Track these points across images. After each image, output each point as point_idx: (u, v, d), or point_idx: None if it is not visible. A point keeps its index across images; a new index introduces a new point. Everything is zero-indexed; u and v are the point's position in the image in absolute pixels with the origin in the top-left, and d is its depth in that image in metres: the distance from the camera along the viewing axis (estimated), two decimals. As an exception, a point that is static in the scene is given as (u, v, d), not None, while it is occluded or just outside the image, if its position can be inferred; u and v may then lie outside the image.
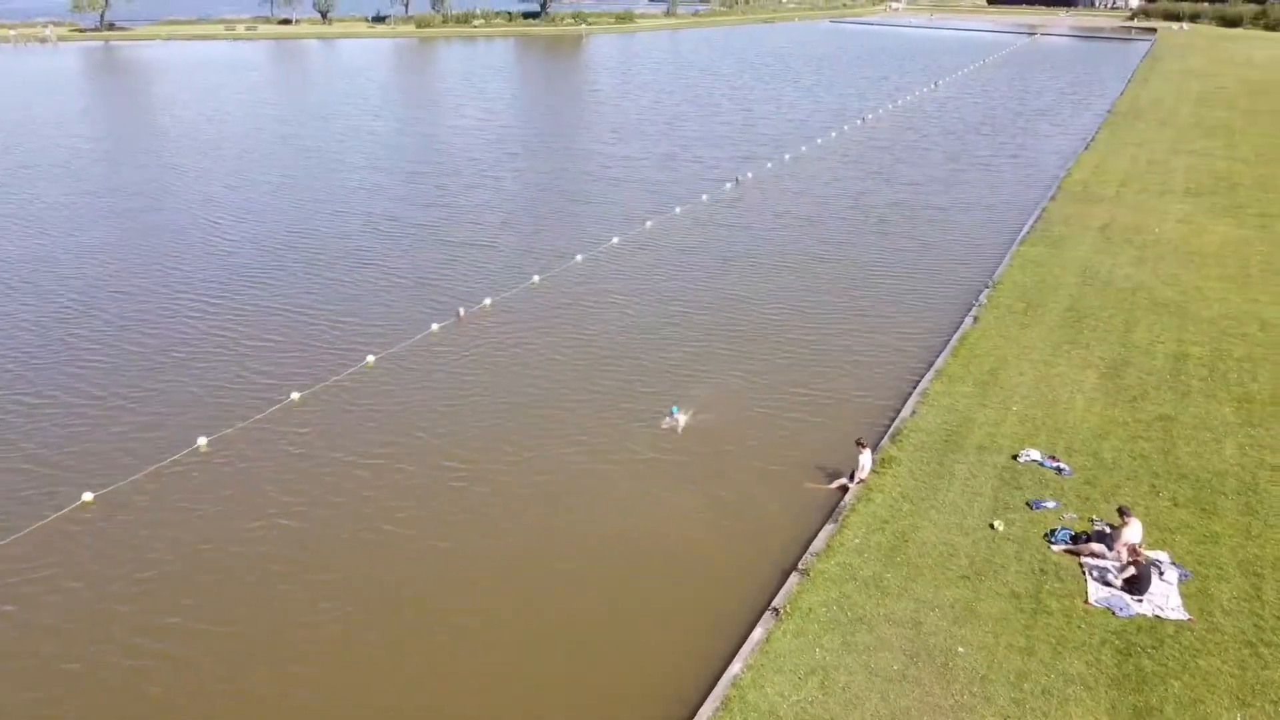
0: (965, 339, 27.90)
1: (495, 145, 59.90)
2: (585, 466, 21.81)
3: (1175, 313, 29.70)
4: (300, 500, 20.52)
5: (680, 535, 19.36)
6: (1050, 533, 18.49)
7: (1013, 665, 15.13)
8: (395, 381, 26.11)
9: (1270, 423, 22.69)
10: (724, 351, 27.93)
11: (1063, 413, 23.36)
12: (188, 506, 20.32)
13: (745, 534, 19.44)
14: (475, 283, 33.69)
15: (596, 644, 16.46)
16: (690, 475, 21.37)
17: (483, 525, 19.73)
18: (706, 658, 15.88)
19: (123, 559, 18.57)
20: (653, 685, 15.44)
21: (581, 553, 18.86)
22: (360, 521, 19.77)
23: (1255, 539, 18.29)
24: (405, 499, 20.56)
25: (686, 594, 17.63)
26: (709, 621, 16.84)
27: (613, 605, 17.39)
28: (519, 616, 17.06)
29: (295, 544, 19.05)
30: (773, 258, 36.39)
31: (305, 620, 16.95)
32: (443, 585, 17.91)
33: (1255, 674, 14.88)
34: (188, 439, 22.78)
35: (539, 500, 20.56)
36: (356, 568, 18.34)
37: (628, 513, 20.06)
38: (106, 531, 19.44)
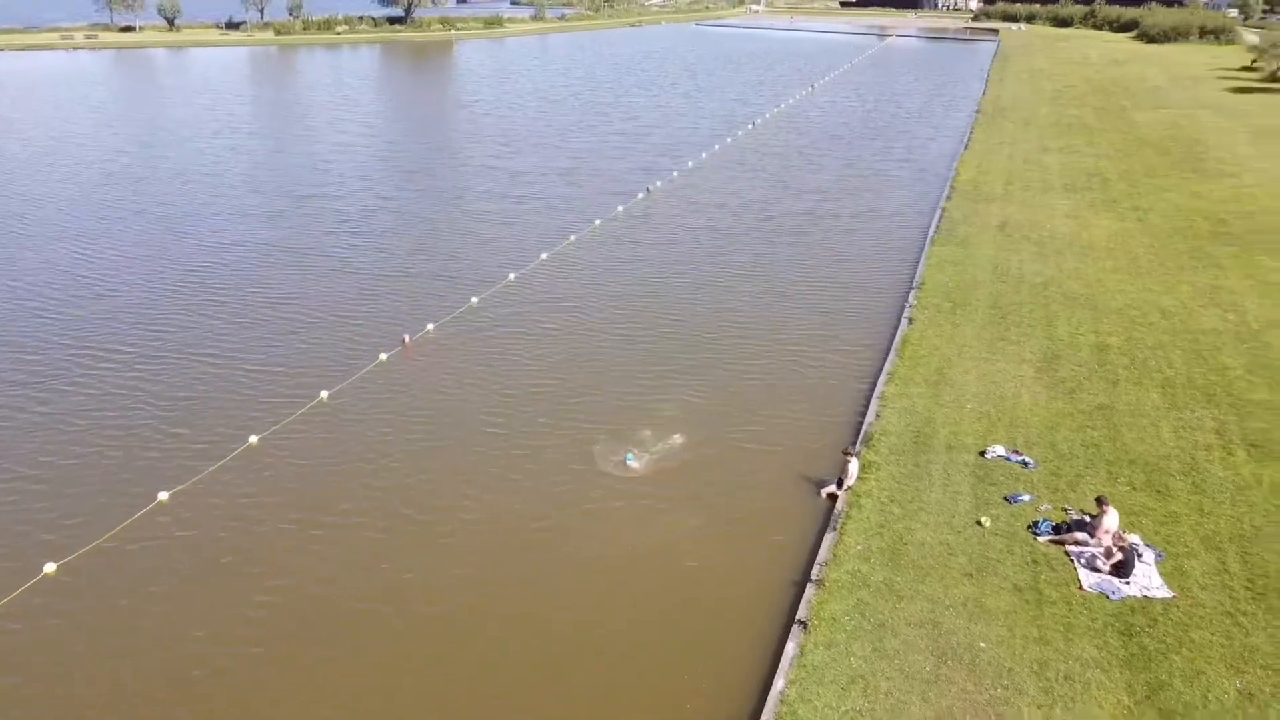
0: (906, 341, 29.24)
1: (386, 164, 58.24)
2: (569, 496, 21.65)
3: (1086, 305, 32.02)
4: (287, 541, 19.62)
5: (683, 555, 19.57)
6: (1033, 525, 19.73)
7: (1032, 655, 16.11)
8: (354, 417, 25.23)
9: (1193, 405, 24.84)
10: (677, 369, 28.18)
11: (1012, 407, 24.87)
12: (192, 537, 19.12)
13: (748, 549, 19.84)
14: (406, 311, 32.74)
15: (631, 674, 16.49)
16: (675, 496, 21.52)
17: (475, 563, 19.39)
18: (746, 675, 16.21)
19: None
20: (703, 708, 15.60)
21: (589, 585, 18.79)
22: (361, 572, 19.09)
23: (1209, 515, 20.05)
24: (399, 540, 19.97)
25: (706, 613, 17.88)
26: (737, 638, 17.17)
27: (636, 633, 17.44)
28: (542, 658, 16.90)
29: (289, 616, 18.22)
30: (700, 273, 36.84)
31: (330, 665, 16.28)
32: (455, 639, 17.53)
33: (1241, 642, 16.37)
34: (149, 496, 21.38)
35: (531, 534, 20.34)
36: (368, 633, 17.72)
37: (623, 539, 20.05)
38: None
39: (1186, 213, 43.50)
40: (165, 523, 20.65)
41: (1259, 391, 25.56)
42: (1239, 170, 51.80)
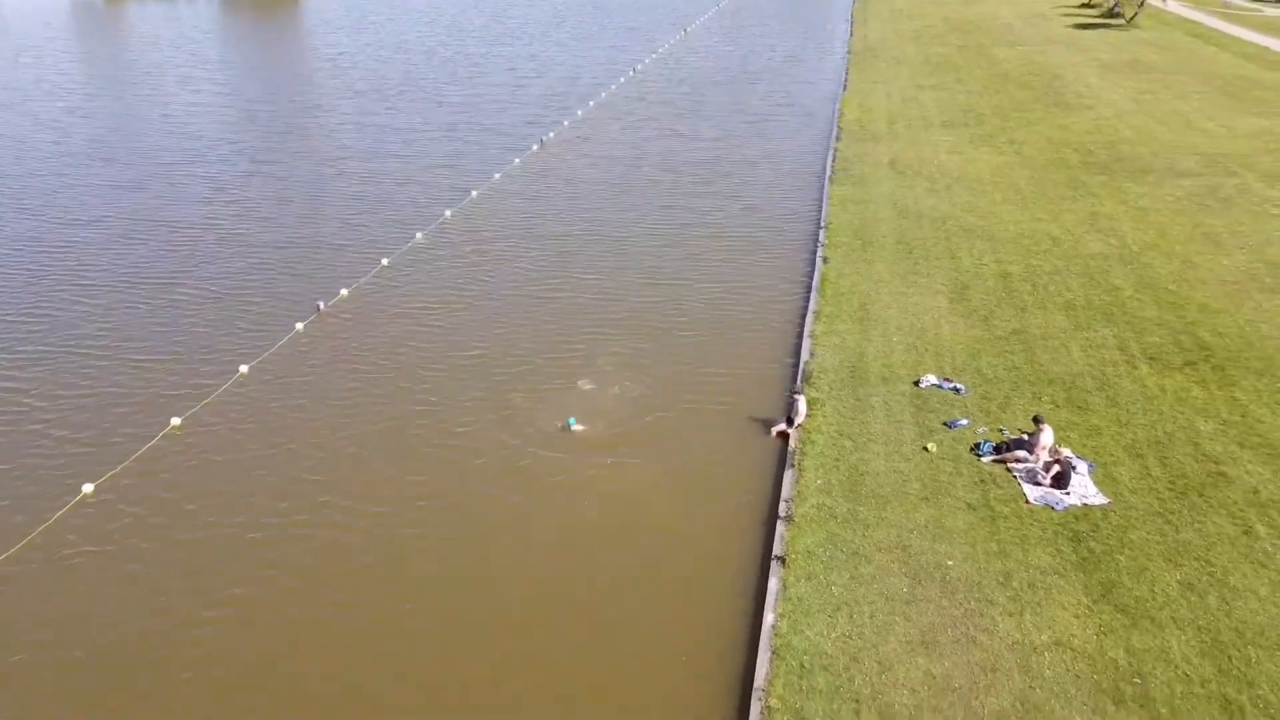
0: (825, 280, 30.02)
1: (254, 125, 54.88)
2: (518, 462, 21.31)
3: (983, 236, 33.63)
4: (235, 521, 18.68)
5: (648, 506, 19.69)
6: (975, 447, 20.83)
7: (996, 568, 17.14)
8: (277, 395, 24.05)
9: (1094, 325, 26.61)
10: (603, 323, 28.03)
11: (935, 338, 26.02)
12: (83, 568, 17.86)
13: (710, 493, 20.14)
14: (312, 279, 31.28)
15: (621, 621, 16.58)
16: (626, 451, 21.49)
17: (445, 540, 19.02)
18: (734, 612, 16.59)
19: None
20: (699, 647, 15.89)
21: (559, 544, 18.69)
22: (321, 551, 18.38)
23: (1126, 426, 21.65)
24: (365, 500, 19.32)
25: (682, 558, 18.12)
26: (718, 579, 17.51)
27: (618, 583, 17.52)
28: (529, 617, 16.81)
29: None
30: (609, 227, 36.45)
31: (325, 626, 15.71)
32: (444, 617, 17.20)
33: (1173, 538, 17.88)
34: (72, 489, 19.86)
35: (490, 503, 20.05)
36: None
37: (585, 496, 19.94)
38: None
39: (1056, 145, 46.06)
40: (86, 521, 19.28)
41: (1148, 309, 27.59)
42: (1095, 103, 55.08)
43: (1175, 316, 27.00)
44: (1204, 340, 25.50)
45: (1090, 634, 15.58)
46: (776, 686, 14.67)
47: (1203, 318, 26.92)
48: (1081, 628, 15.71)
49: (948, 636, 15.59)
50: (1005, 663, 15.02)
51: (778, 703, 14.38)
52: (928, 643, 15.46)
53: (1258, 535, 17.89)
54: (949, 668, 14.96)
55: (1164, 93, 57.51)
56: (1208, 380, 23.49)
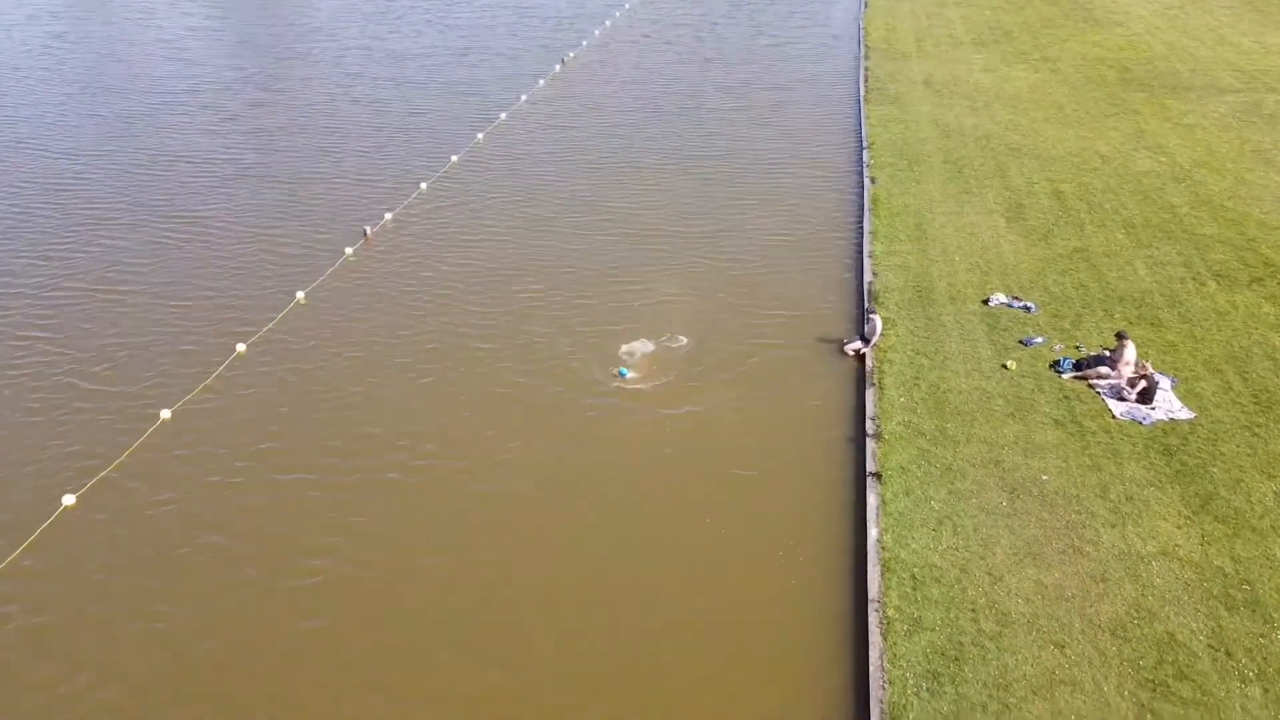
0: (876, 200, 29.57)
1: (253, 49, 53.37)
2: (589, 394, 21.15)
3: (1030, 155, 33.11)
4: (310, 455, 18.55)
5: (731, 426, 19.55)
6: (1054, 364, 20.75)
7: (1092, 481, 17.19)
8: (330, 317, 23.71)
9: (1156, 243, 26.38)
10: (663, 248, 27.58)
11: (997, 257, 25.75)
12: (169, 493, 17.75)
13: (792, 413, 20.03)
14: (350, 207, 30.62)
15: (724, 535, 16.58)
16: (700, 374, 21.28)
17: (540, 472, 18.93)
18: (836, 529, 16.61)
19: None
20: (805, 561, 15.96)
21: (644, 470, 18.56)
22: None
23: (1201, 341, 21.59)
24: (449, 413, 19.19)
25: (774, 476, 18.06)
26: (815, 496, 17.49)
27: (715, 500, 17.47)
28: (629, 536, 16.82)
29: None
30: (650, 152, 35.51)
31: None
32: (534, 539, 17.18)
33: (1263, 450, 17.94)
34: (151, 415, 19.63)
35: (569, 442, 19.91)
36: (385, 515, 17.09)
37: (670, 427, 19.66)
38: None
39: (1092, 61, 45.17)
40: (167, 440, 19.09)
41: (1207, 226, 27.34)
42: (1124, 18, 53.95)
43: (1235, 233, 26.77)
44: (1268, 257, 25.32)
45: (1194, 543, 15.70)
46: (891, 598, 14.78)
47: (1262, 234, 26.70)
48: (1185, 538, 15.83)
49: (1053, 548, 15.68)
50: (1114, 572, 15.15)
51: (895, 613, 14.50)
52: (1034, 554, 15.56)
53: (1346, 447, 17.98)
54: (1059, 578, 15.08)
55: (1192, 8, 56.33)
56: (1277, 296, 23.38)
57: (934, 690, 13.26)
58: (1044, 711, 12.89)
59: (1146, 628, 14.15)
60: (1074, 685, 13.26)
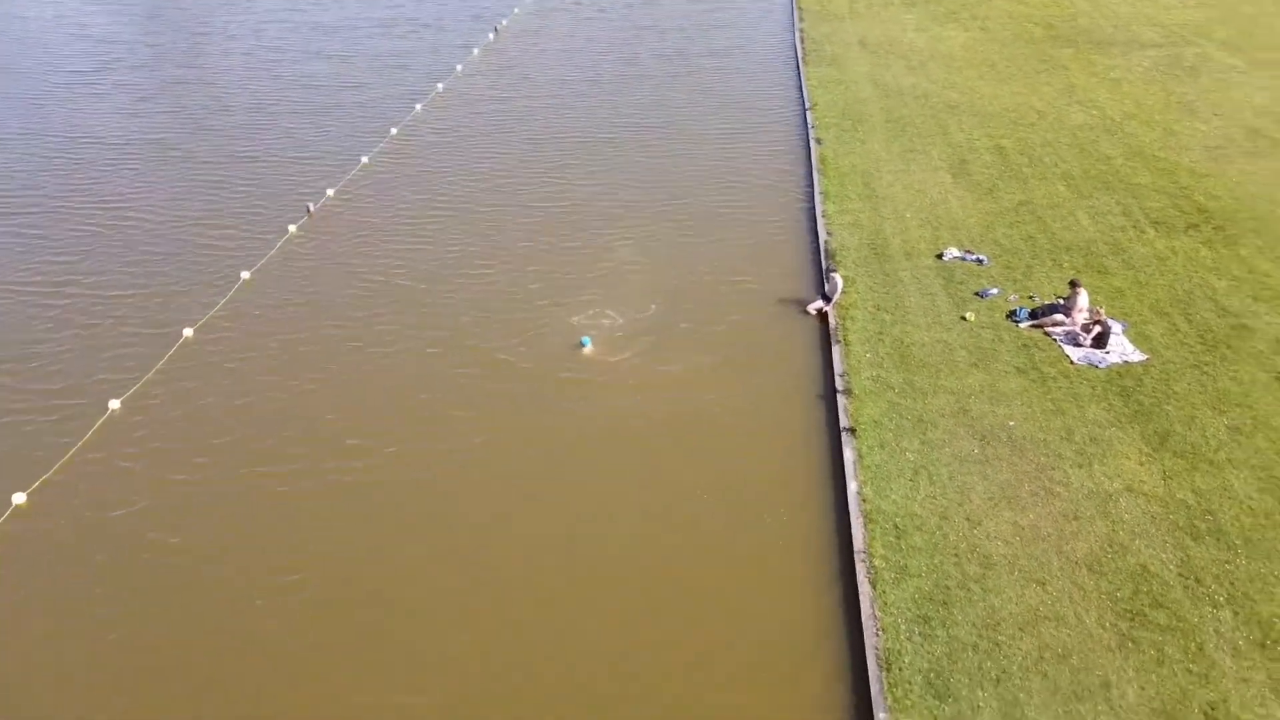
0: (825, 161, 29.78)
1: (163, 23, 51.14)
2: (557, 366, 20.99)
3: (969, 112, 33.68)
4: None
5: (706, 394, 19.47)
6: (1011, 314, 21.25)
7: (1056, 425, 17.71)
8: (284, 298, 22.98)
9: (1097, 193, 27.13)
10: (614, 217, 27.27)
11: (945, 212, 26.20)
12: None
13: (763, 372, 20.14)
14: (290, 184, 29.63)
15: (707, 492, 16.62)
16: (666, 345, 21.12)
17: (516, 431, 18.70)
18: (814, 481, 16.80)
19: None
20: (787, 515, 16.11)
21: (624, 436, 18.51)
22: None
23: (1146, 286, 22.34)
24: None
25: (750, 435, 18.16)
26: (791, 451, 17.65)
27: (694, 462, 17.50)
28: (617, 515, 16.77)
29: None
30: (593, 122, 34.96)
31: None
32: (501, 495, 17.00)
33: (1213, 387, 18.69)
34: (100, 407, 18.79)
35: (540, 415, 19.72)
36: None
37: (640, 395, 19.49)
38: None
39: (1019, 20, 46.05)
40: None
41: (1141, 176, 28.22)
42: (1046, -23, 54.96)
43: (1169, 182, 27.69)
44: (1200, 204, 26.27)
45: (1156, 479, 16.32)
46: (876, 548, 15.04)
47: (1193, 182, 27.67)
48: (1148, 474, 16.44)
49: (1026, 490, 16.14)
50: (1085, 510, 15.67)
51: (881, 562, 14.77)
52: (1009, 497, 15.99)
53: (1288, 380, 18.84)
54: (1034, 519, 15.53)
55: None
56: (1212, 241, 24.29)
57: (926, 634, 13.57)
58: (1032, 647, 13.30)
59: (1120, 561, 14.68)
60: (1058, 620, 13.71)
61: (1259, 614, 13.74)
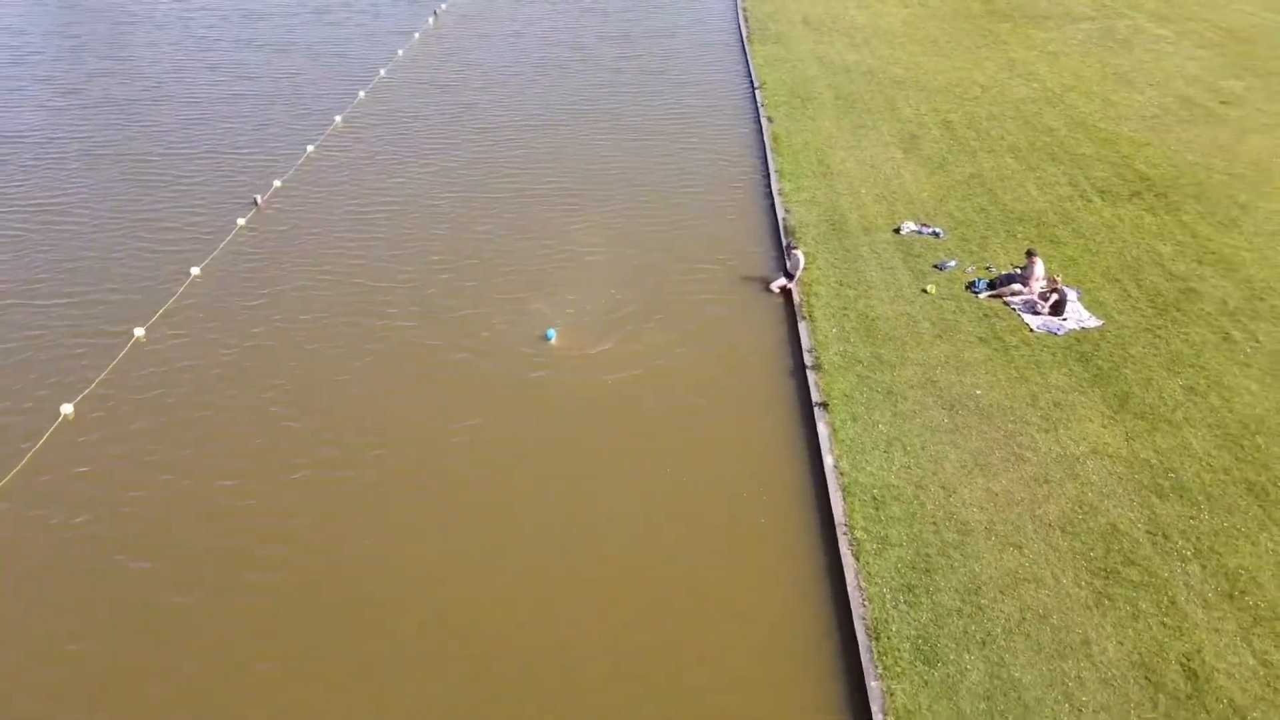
0: (777, 139, 29.89)
1: (79, 11, 49.05)
2: (526, 358, 20.81)
3: (915, 87, 34.09)
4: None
5: (676, 374, 19.46)
6: (970, 285, 21.63)
7: (1021, 392, 18.10)
8: (240, 290, 22.35)
9: (1044, 164, 27.71)
10: (569, 205, 26.98)
11: (900, 186, 26.52)
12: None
13: (729, 351, 20.19)
14: (234, 179, 28.77)
15: (686, 471, 16.65)
16: (633, 331, 21.01)
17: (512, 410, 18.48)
18: (791, 459, 16.92)
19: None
20: (773, 492, 16.21)
21: (610, 431, 18.43)
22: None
23: (1097, 254, 22.92)
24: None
25: (723, 414, 18.19)
26: (764, 428, 17.74)
27: (672, 450, 17.49)
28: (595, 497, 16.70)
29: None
30: (541, 110, 34.38)
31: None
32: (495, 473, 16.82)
33: (1166, 349, 19.28)
34: (53, 413, 18.07)
35: (522, 395, 19.54)
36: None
37: (611, 378, 19.40)
38: None
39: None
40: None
41: (1084, 146, 28.90)
42: (979, -47, 55.79)
43: (1111, 152, 28.41)
44: (1142, 172, 27.01)
45: (1120, 440, 16.80)
46: (856, 520, 15.23)
47: (1134, 151, 28.44)
48: (1111, 436, 16.91)
49: (997, 457, 16.48)
50: (1054, 474, 16.06)
51: (863, 534, 14.97)
52: (981, 465, 16.31)
53: (1235, 340, 19.51)
54: (1006, 484, 15.87)
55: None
56: (1155, 208, 25.01)
57: (911, 602, 13.80)
58: (1013, 609, 13.62)
59: (1091, 521, 15.10)
60: (1036, 582, 14.06)
61: (1225, 566, 14.26)
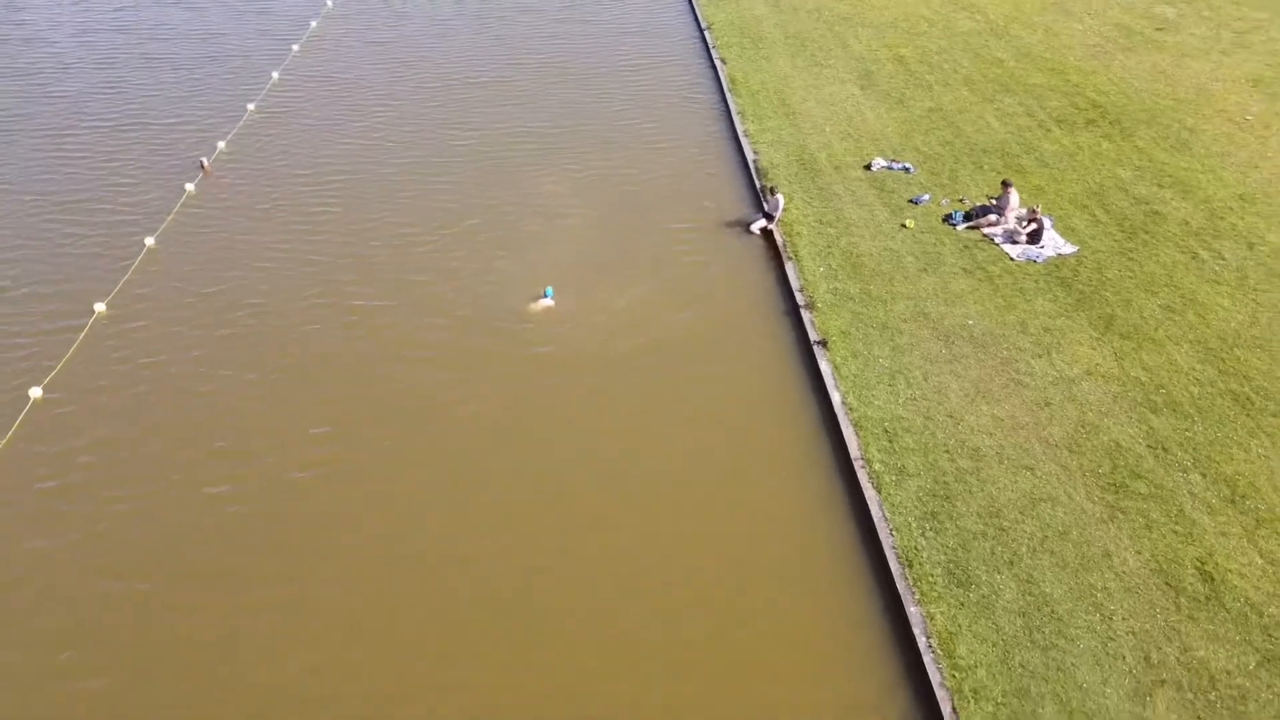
0: (734, 80, 29.60)
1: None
2: (525, 328, 20.37)
3: (862, 24, 34.04)
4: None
5: (673, 327, 19.09)
6: (946, 218, 21.90)
7: (1011, 320, 18.50)
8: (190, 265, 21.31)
9: (999, 95, 28.06)
10: (534, 173, 26.13)
11: (863, 123, 26.58)
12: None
13: (720, 296, 20.11)
14: (178, 140, 27.26)
15: (703, 433, 16.62)
16: (619, 281, 20.68)
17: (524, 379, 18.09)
18: (803, 401, 17.03)
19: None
20: (779, 428, 16.32)
21: (606, 378, 18.22)
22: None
23: (1062, 182, 23.42)
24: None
25: (729, 363, 18.16)
26: (773, 371, 17.79)
27: (688, 404, 17.43)
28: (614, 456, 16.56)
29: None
30: (486, 66, 33.07)
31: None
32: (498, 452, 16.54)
33: (1140, 270, 19.91)
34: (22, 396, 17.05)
35: (517, 360, 19.15)
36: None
37: (608, 332, 18.99)
38: None
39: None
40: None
41: (1034, 76, 29.34)
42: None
43: (1061, 81, 28.91)
44: (1094, 100, 27.59)
45: (1110, 361, 17.35)
46: (872, 453, 15.46)
47: (1082, 79, 29.00)
48: (1101, 357, 17.44)
49: (997, 384, 16.86)
50: (1054, 397, 16.52)
51: (880, 466, 15.21)
52: (983, 392, 16.67)
53: (1203, 259, 20.24)
54: (1010, 409, 16.27)
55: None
56: (1111, 134, 25.61)
57: (936, 529, 14.11)
58: (1034, 528, 14.05)
59: (1095, 439, 15.61)
60: (1052, 501, 14.51)
61: (1224, 473, 14.93)
